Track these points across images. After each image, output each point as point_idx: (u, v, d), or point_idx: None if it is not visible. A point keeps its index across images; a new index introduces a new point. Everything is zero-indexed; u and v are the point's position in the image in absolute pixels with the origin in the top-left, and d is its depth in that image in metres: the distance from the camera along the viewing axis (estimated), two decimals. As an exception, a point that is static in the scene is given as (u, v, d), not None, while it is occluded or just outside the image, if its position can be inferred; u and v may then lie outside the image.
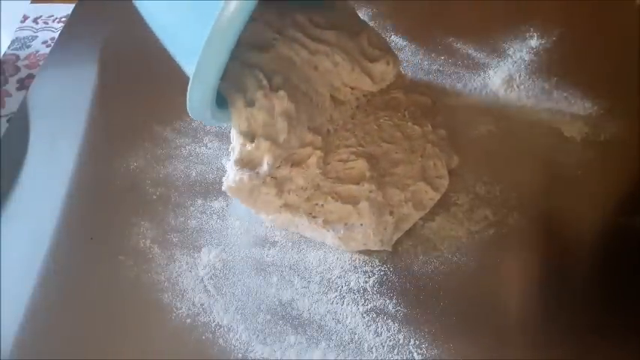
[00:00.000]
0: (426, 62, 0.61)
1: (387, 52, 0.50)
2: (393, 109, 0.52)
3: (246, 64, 0.44)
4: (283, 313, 0.43)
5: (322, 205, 0.46)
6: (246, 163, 0.43)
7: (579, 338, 0.42)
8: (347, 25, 0.49)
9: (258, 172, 0.43)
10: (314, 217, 0.46)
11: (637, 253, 0.46)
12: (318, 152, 0.46)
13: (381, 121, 0.51)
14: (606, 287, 0.45)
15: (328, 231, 0.45)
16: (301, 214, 0.46)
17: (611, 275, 0.45)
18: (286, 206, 0.46)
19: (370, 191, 0.45)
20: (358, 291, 0.44)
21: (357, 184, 0.46)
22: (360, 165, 0.47)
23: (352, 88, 0.50)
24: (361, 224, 0.44)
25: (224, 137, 0.54)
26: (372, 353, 0.41)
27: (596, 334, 0.42)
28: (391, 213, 0.46)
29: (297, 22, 0.47)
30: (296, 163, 0.46)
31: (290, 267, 0.45)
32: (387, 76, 0.50)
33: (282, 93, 0.43)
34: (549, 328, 0.42)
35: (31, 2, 0.74)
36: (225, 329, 0.42)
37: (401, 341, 0.41)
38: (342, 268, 0.45)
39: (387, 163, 0.48)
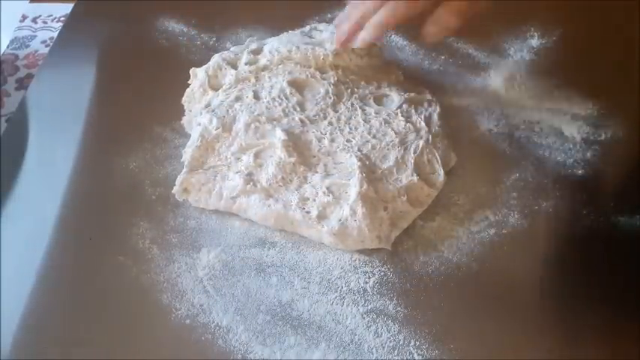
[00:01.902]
0: (426, 62, 0.61)
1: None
2: (384, 106, 0.53)
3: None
4: (283, 314, 0.42)
5: (314, 200, 0.46)
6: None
7: (579, 338, 0.42)
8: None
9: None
10: (307, 212, 0.46)
11: (637, 253, 0.46)
12: (282, 139, 0.48)
13: (370, 116, 0.51)
14: (606, 287, 0.45)
15: (323, 227, 0.45)
16: (294, 209, 0.46)
17: (612, 275, 0.45)
18: (268, 195, 0.46)
19: (361, 186, 0.45)
20: (358, 292, 0.44)
21: (348, 179, 0.46)
22: (349, 160, 0.48)
23: (321, 73, 0.53)
24: (355, 220, 0.44)
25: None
26: (373, 354, 0.40)
27: (596, 334, 0.42)
28: (385, 208, 0.46)
29: None
30: (257, 153, 0.48)
31: (290, 268, 0.45)
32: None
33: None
34: (550, 327, 0.42)
35: (30, 2, 0.74)
36: (225, 330, 0.42)
37: (401, 342, 0.41)
38: (342, 268, 0.45)
39: (377, 158, 0.48)
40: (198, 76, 0.55)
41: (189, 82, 0.55)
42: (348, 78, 0.54)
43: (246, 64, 0.55)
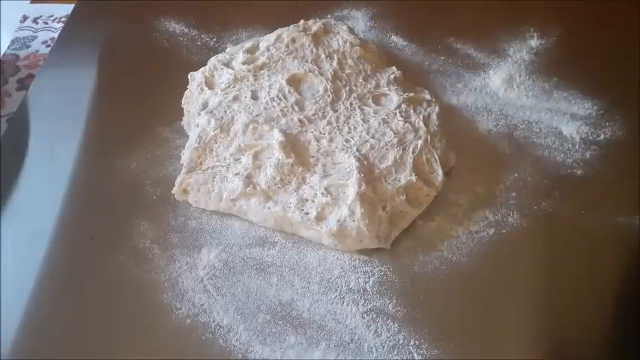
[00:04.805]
0: (426, 62, 0.61)
1: None
2: (383, 105, 0.53)
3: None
4: (283, 314, 0.43)
5: (313, 201, 0.46)
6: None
7: (579, 337, 0.42)
8: None
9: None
10: (306, 213, 0.46)
11: (637, 253, 0.46)
12: (280, 140, 0.48)
13: (369, 116, 0.51)
14: (606, 287, 0.45)
15: (322, 228, 0.45)
16: (293, 211, 0.46)
17: (611, 275, 0.45)
18: (268, 197, 0.47)
19: (359, 187, 0.45)
20: (358, 291, 0.44)
21: (346, 179, 0.47)
22: (348, 160, 0.48)
23: (317, 68, 0.54)
24: (353, 220, 0.45)
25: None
26: (372, 353, 0.41)
27: (596, 333, 0.42)
28: (384, 208, 0.46)
29: None
30: (256, 155, 0.49)
31: (290, 267, 0.45)
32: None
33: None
34: (549, 327, 0.42)
35: (31, 2, 0.74)
36: (225, 329, 0.42)
37: (401, 341, 0.41)
38: (341, 268, 0.45)
39: (376, 158, 0.49)
40: (195, 78, 0.55)
41: (187, 86, 0.55)
42: (344, 73, 0.54)
43: (243, 63, 0.55)
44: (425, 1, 0.68)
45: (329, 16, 0.65)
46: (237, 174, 0.48)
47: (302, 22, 0.59)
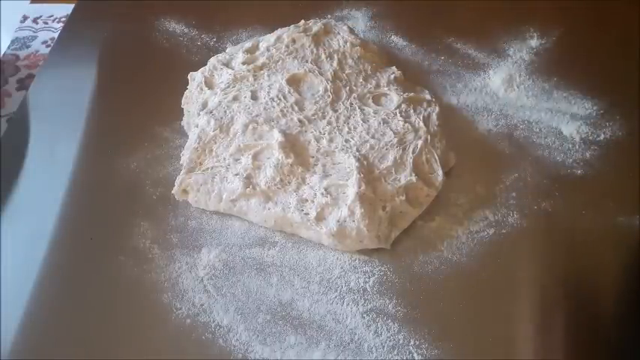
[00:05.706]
0: (426, 62, 0.61)
1: None
2: (383, 105, 0.53)
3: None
4: (283, 314, 0.43)
5: (312, 201, 0.46)
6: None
7: (578, 337, 0.42)
8: None
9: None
10: (306, 213, 0.46)
11: (637, 253, 0.46)
12: (279, 141, 0.48)
13: (369, 116, 0.51)
14: (606, 287, 0.45)
15: (321, 228, 0.45)
16: (293, 211, 0.46)
17: (611, 275, 0.45)
18: (268, 198, 0.47)
19: (359, 187, 0.45)
20: (358, 291, 0.44)
21: (346, 179, 0.47)
22: (347, 160, 0.48)
23: (317, 68, 0.54)
24: (353, 221, 0.45)
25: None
26: (372, 353, 0.41)
27: (595, 333, 0.42)
28: (384, 208, 0.46)
29: None
30: (255, 155, 0.49)
31: (290, 267, 0.45)
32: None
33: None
34: (549, 327, 0.42)
35: (31, 2, 0.74)
36: (225, 329, 0.42)
37: (401, 341, 0.41)
38: (341, 268, 0.45)
39: (376, 158, 0.49)
40: (195, 78, 0.55)
41: (187, 87, 0.55)
42: (344, 73, 0.54)
43: (243, 63, 0.55)
44: (425, 1, 0.68)
45: (329, 16, 0.65)
46: (236, 174, 0.48)
47: (302, 22, 0.59)
